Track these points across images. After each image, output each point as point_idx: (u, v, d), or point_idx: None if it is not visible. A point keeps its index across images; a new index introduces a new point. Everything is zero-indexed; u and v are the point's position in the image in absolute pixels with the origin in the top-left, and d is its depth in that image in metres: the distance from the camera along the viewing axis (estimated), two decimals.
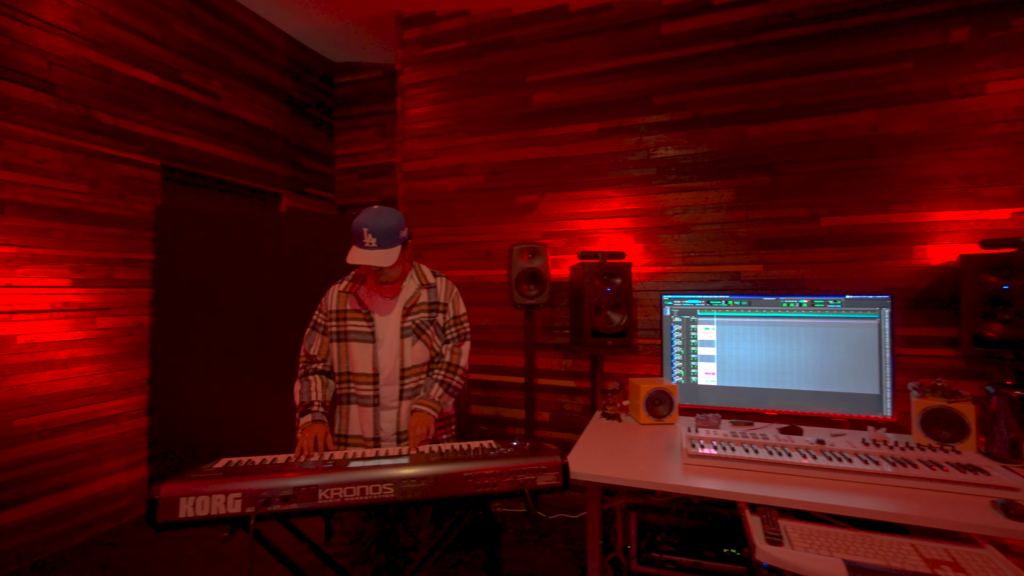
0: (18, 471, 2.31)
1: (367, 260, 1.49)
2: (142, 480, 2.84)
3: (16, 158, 2.30)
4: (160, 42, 2.92)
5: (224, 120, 3.32)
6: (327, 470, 1.23)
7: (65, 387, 2.49)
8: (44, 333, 2.40)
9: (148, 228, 2.86)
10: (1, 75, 2.25)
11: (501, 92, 2.98)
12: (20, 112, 2.31)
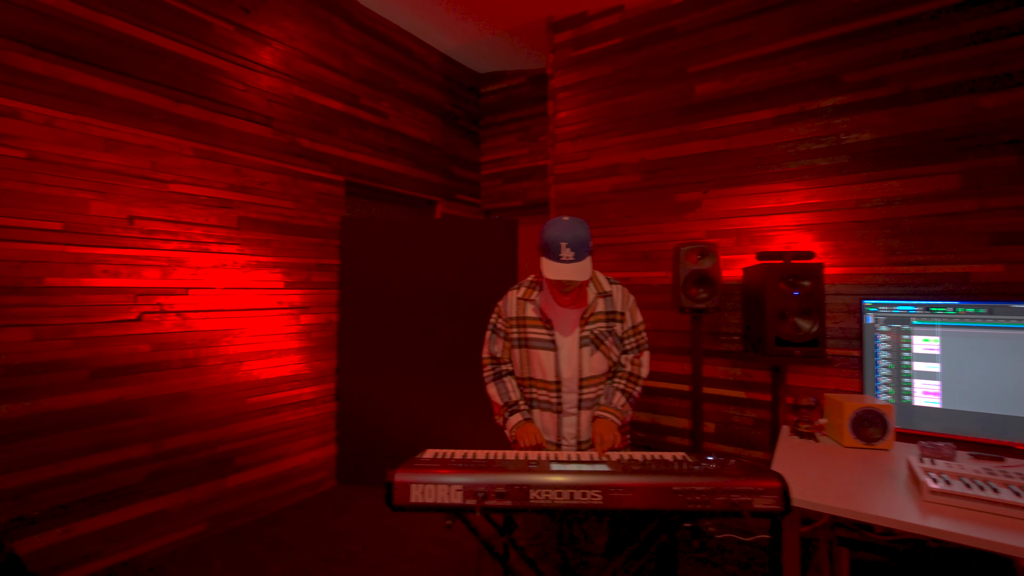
0: (250, 440, 2.81)
1: (567, 275, 1.48)
2: (331, 457, 3.28)
3: (247, 182, 2.79)
4: (343, 72, 3.33)
5: (391, 137, 3.69)
6: (532, 470, 1.29)
7: (279, 373, 2.96)
8: (266, 327, 2.89)
9: (335, 237, 3.29)
10: (237, 115, 2.74)
11: (659, 86, 2.87)
12: (249, 144, 2.80)
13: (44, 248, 2.08)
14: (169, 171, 2.46)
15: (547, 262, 1.52)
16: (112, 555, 2.28)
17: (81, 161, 2.18)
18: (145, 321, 2.39)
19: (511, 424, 1.68)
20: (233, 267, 2.73)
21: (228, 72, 2.70)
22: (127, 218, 2.32)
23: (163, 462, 2.45)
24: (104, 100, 2.25)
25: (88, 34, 2.20)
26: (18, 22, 2.01)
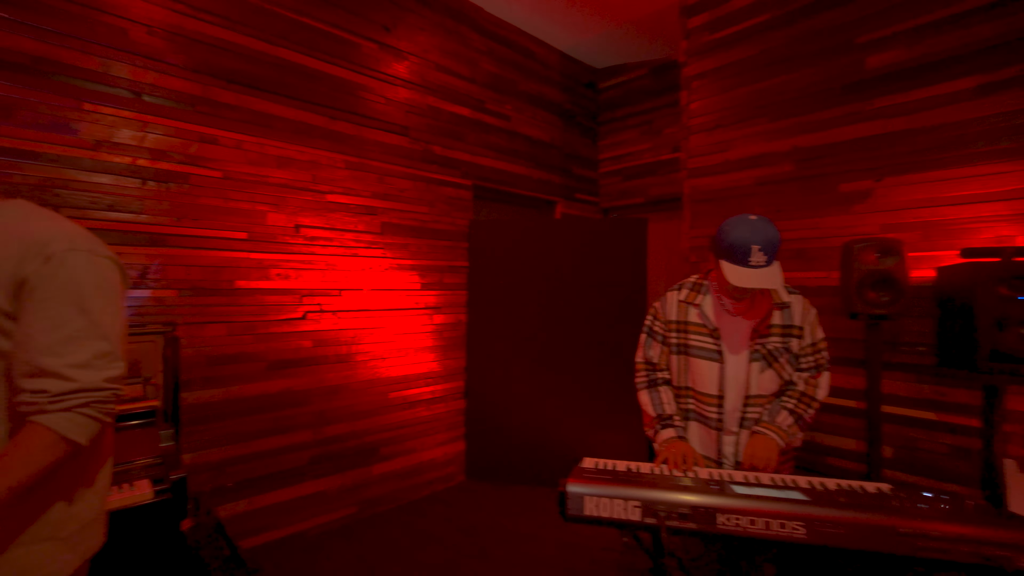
0: (391, 432, 3.01)
1: (757, 282, 1.32)
2: (460, 453, 3.40)
3: (389, 189, 2.99)
4: (470, 79, 3.44)
5: (514, 139, 3.74)
6: (714, 491, 1.18)
7: (415, 370, 3.14)
8: (405, 326, 3.08)
9: (464, 239, 3.41)
10: (379, 127, 2.95)
11: (818, 63, 2.56)
12: (390, 154, 3.00)
13: (234, 255, 2.40)
14: (326, 183, 2.72)
15: (731, 267, 1.37)
16: (284, 527, 2.57)
17: (260, 177, 2.48)
18: (308, 319, 2.65)
19: (662, 438, 1.56)
20: (377, 270, 2.94)
21: (372, 88, 2.91)
22: (294, 227, 2.60)
23: (322, 448, 2.71)
24: (277, 122, 2.53)
25: (266, 65, 2.49)
26: (218, 61, 2.34)
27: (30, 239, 0.81)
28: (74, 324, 0.81)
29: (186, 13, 2.26)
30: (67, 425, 0.80)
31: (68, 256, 0.82)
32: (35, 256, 0.80)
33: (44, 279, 0.80)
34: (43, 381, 0.79)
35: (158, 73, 2.19)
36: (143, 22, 2.15)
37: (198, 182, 2.29)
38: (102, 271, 0.86)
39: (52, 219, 0.87)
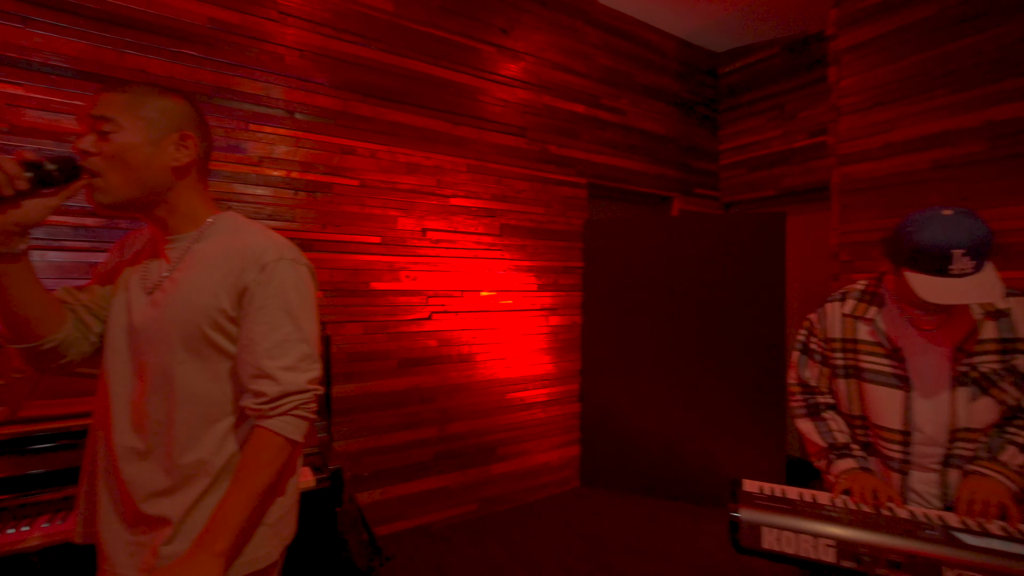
0: (508, 433, 3.03)
1: (968, 296, 1.05)
2: (575, 458, 3.33)
3: (507, 191, 3.01)
4: (585, 75, 3.36)
5: (629, 134, 3.59)
6: (934, 538, 0.98)
7: (532, 372, 3.13)
8: (522, 328, 3.08)
9: (579, 239, 3.34)
10: (498, 129, 2.98)
11: (1017, 19, 2.12)
12: (508, 155, 3.02)
13: (369, 258, 2.55)
14: (450, 187, 2.80)
15: (922, 278, 1.09)
16: (411, 519, 2.68)
17: (392, 184, 2.61)
18: (434, 319, 2.75)
19: (839, 469, 1.31)
20: (496, 271, 2.97)
21: (490, 91, 2.95)
22: (421, 230, 2.71)
23: (446, 445, 2.79)
24: (405, 131, 2.66)
25: (397, 77, 2.63)
26: (356, 77, 2.51)
27: (247, 251, 0.89)
28: (284, 329, 0.88)
29: (330, 35, 2.45)
30: (288, 428, 0.87)
31: (278, 265, 0.89)
32: (253, 266, 0.88)
33: (260, 286, 0.88)
34: (262, 383, 0.86)
35: (307, 92, 2.39)
36: (296, 47, 2.36)
37: (340, 191, 2.47)
38: (303, 278, 0.93)
39: (260, 231, 0.95)
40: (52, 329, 0.87)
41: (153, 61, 2.04)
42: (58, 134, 1.88)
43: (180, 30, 2.10)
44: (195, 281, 0.88)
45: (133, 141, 0.85)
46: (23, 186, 0.76)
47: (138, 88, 0.88)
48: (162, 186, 0.88)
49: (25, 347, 0.85)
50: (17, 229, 0.78)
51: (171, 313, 0.86)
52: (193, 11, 2.12)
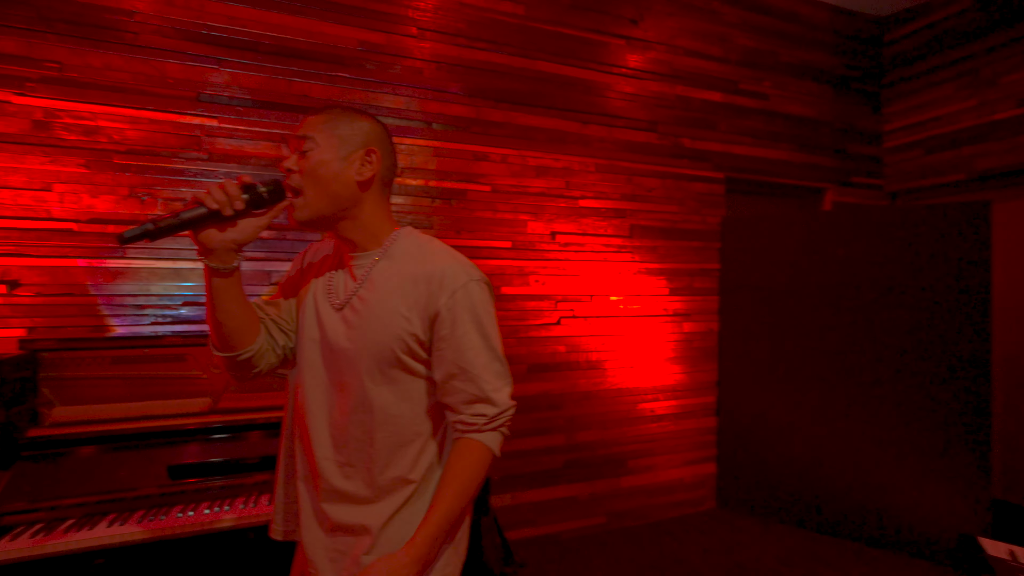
0: (638, 445, 2.88)
1: None
2: (710, 476, 3.08)
3: (637, 190, 2.87)
4: (722, 59, 3.09)
5: (773, 120, 3.23)
6: None
7: (663, 381, 2.95)
8: (653, 334, 2.91)
9: (716, 239, 3.08)
10: (628, 126, 2.84)
11: None
12: (638, 152, 2.87)
13: (501, 263, 2.57)
14: (578, 188, 2.73)
15: None
16: (540, 526, 2.66)
17: (522, 188, 2.61)
18: (562, 324, 2.70)
19: None
20: (626, 274, 2.84)
21: (620, 86, 2.83)
22: (550, 233, 2.67)
23: (574, 453, 2.73)
24: (535, 133, 2.64)
25: (527, 80, 2.62)
26: (488, 83, 2.55)
27: (436, 275, 0.90)
28: (484, 351, 0.90)
29: (464, 45, 2.51)
30: (495, 443, 0.90)
31: (468, 288, 0.90)
32: (443, 291, 0.89)
33: (453, 311, 0.89)
34: (480, 407, 0.89)
35: (442, 103, 2.47)
36: (433, 60, 2.46)
37: (473, 197, 2.52)
38: (486, 295, 0.93)
39: (444, 252, 0.95)
40: (249, 341, 0.93)
41: (315, 86, 2.24)
42: (241, 158, 2.14)
43: (335, 55, 2.28)
44: (386, 303, 0.90)
45: (326, 157, 0.90)
46: (240, 206, 0.83)
47: (335, 110, 0.94)
48: (349, 200, 0.92)
49: (227, 356, 0.92)
50: (233, 246, 0.86)
51: (366, 336, 0.90)
52: (346, 36, 2.30)
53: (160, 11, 2.03)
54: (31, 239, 1.87)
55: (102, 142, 1.95)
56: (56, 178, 1.90)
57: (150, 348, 1.73)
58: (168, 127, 2.04)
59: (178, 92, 2.05)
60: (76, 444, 1.53)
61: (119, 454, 1.54)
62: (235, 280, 0.88)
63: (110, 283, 1.95)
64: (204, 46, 2.08)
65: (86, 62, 1.93)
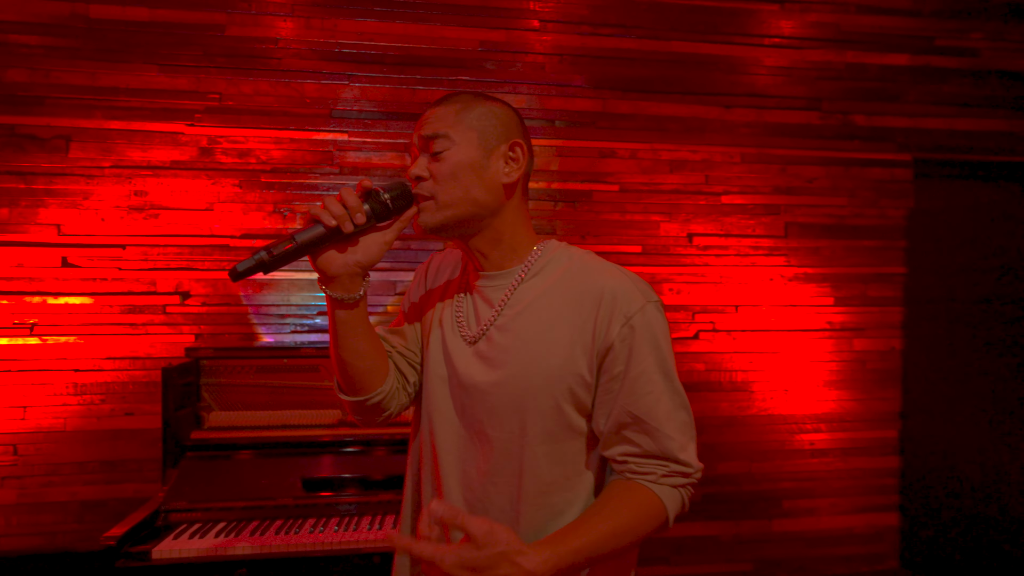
0: (795, 483, 2.45)
1: None
2: (893, 529, 2.52)
3: (793, 181, 2.43)
4: (910, 11, 2.49)
5: (984, 82, 2.54)
6: None
7: (826, 409, 2.47)
8: (813, 352, 2.45)
9: (899, 237, 2.50)
10: (782, 106, 2.42)
11: None
12: (795, 136, 2.43)
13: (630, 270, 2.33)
14: (720, 182, 2.38)
15: None
16: (676, 565, 2.38)
17: (653, 185, 2.35)
18: (701, 339, 2.38)
19: None
20: (779, 281, 2.43)
21: (771, 60, 2.41)
22: (687, 235, 2.37)
23: (715, 487, 2.39)
24: (669, 124, 2.35)
25: (659, 64, 2.35)
26: (615, 72, 2.32)
27: (605, 297, 0.71)
28: (666, 395, 0.72)
29: (588, 33, 2.31)
30: (672, 502, 0.71)
31: (646, 313, 0.71)
32: (616, 318, 0.70)
33: (631, 346, 0.70)
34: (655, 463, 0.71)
35: (566, 98, 2.31)
36: (555, 52, 2.30)
37: (599, 198, 2.32)
38: (665, 322, 0.75)
39: (609, 268, 0.78)
40: (379, 382, 0.81)
41: (437, 92, 2.21)
42: (369, 169, 2.19)
43: (456, 59, 2.23)
44: (540, 338, 0.73)
45: (465, 156, 0.74)
46: (362, 220, 0.69)
47: (465, 97, 0.78)
48: (490, 207, 0.76)
49: (355, 400, 0.81)
50: (358, 270, 0.72)
51: (513, 379, 0.73)
52: (466, 38, 2.24)
53: (300, 35, 2.14)
54: (198, 254, 2.08)
55: (252, 163, 2.11)
56: (216, 198, 2.09)
57: (288, 358, 1.81)
58: (305, 144, 2.14)
59: (313, 110, 2.15)
60: (229, 448, 1.64)
61: (262, 460, 1.62)
62: (361, 311, 0.76)
63: (257, 294, 2.11)
64: (337, 63, 2.16)
65: (239, 90, 2.10)
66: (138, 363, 2.04)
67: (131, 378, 2.04)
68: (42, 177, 2.00)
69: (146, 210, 2.05)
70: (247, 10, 2.10)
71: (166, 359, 2.01)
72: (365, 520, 1.48)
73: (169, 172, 2.06)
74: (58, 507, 2.01)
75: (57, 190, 2.01)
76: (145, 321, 2.05)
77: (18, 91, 2.00)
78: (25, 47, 2.00)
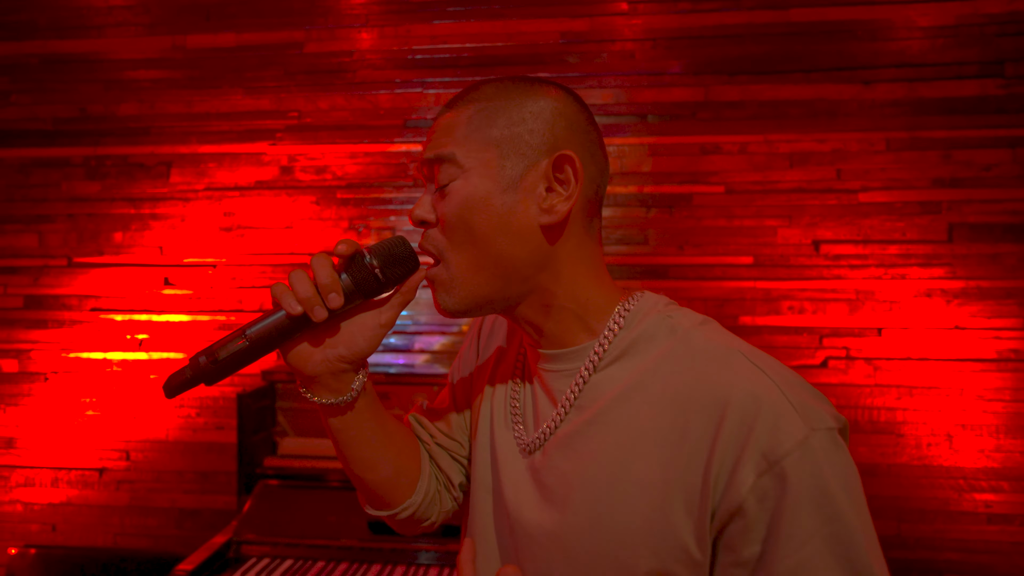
0: (960, 553, 1.93)
1: None
2: None
3: (960, 171, 1.92)
4: None
5: None
6: None
7: (1007, 463, 1.92)
8: (987, 387, 1.92)
9: None
10: (944, 75, 1.92)
11: None
12: (964, 111, 1.92)
13: (738, 284, 1.99)
14: (856, 177, 1.95)
15: None
16: None
17: (769, 185, 1.98)
18: (830, 368, 1.97)
19: None
20: (939, 297, 1.93)
21: (926, 19, 1.92)
22: (812, 243, 1.96)
23: None
24: (789, 108, 1.97)
25: (773, 39, 1.97)
26: (719, 54, 1.99)
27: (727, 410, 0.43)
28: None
29: (686, 11, 2.00)
30: None
31: (809, 452, 0.40)
32: (747, 455, 0.41)
33: (776, 511, 0.40)
34: None
35: (659, 88, 2.02)
36: (647, 38, 2.02)
37: (700, 202, 2.00)
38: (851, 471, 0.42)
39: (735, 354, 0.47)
40: (407, 493, 0.63)
41: None
42: None
43: (534, 54, 2.04)
44: (615, 475, 0.47)
45: (478, 188, 0.50)
46: (337, 303, 0.50)
47: (487, 90, 0.53)
48: (531, 261, 0.51)
49: (381, 515, 0.64)
50: (343, 366, 0.53)
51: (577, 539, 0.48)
52: (546, 31, 2.04)
53: (374, 45, 2.08)
54: (280, 273, 2.10)
55: (328, 179, 2.09)
56: (296, 216, 2.10)
57: None
58: (380, 157, 2.08)
59: (388, 122, 2.08)
60: (300, 479, 1.59)
61: (330, 494, 1.55)
62: (360, 414, 0.57)
63: None
64: (410, 71, 2.07)
65: (316, 106, 2.09)
66: (227, 379, 2.11)
67: (222, 394, 2.11)
68: (147, 202, 2.14)
69: (234, 230, 2.12)
70: (324, 25, 2.08)
71: (252, 376, 2.05)
72: (433, 571, 1.35)
73: (253, 192, 2.11)
74: (161, 512, 2.14)
75: (159, 214, 2.14)
76: None
77: (130, 123, 2.16)
78: (135, 82, 2.15)
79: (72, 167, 2.17)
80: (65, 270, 2.17)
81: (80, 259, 2.17)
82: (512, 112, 0.51)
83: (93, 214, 2.16)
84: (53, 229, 2.18)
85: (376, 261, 0.52)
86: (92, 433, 2.15)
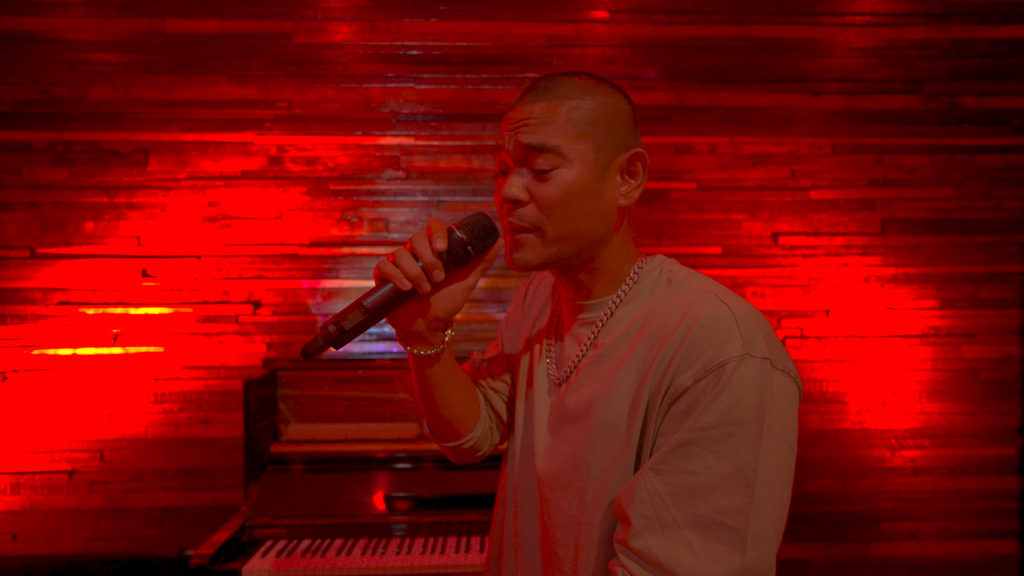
0: (892, 503, 2.24)
1: None
2: (1010, 557, 2.27)
3: (891, 173, 2.23)
4: None
5: None
6: None
7: (931, 423, 2.25)
8: (914, 360, 2.24)
9: (1017, 231, 2.25)
10: (877, 90, 2.22)
11: None
12: (892, 123, 2.22)
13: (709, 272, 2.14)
14: (808, 176, 2.21)
15: None
16: None
17: (734, 182, 2.20)
18: (788, 346, 2.19)
19: None
20: (875, 282, 2.23)
21: (863, 40, 2.22)
22: (771, 235, 2.21)
23: (805, 506, 2.22)
24: (751, 115, 2.20)
25: (739, 51, 2.20)
26: (691, 62, 2.19)
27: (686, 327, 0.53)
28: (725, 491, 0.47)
29: (662, 22, 2.19)
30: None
31: (741, 367, 0.49)
32: (692, 357, 0.51)
33: (700, 399, 0.49)
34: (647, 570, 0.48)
35: (638, 92, 2.18)
36: (627, 44, 2.19)
37: (676, 197, 2.19)
38: (782, 394, 0.52)
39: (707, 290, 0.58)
40: (470, 427, 0.77)
41: (503, 91, 2.14)
42: (436, 174, 2.14)
43: (522, 55, 2.16)
44: (612, 389, 0.59)
45: (582, 177, 0.58)
46: (440, 277, 0.61)
47: (571, 86, 0.61)
48: (602, 237, 0.62)
49: (444, 446, 0.79)
50: (440, 325, 0.67)
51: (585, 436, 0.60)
52: (533, 34, 2.16)
53: (365, 39, 2.12)
54: (269, 263, 2.09)
55: (319, 171, 2.10)
56: (286, 207, 2.10)
57: (362, 369, 1.78)
58: (372, 150, 2.12)
59: (379, 115, 2.12)
60: (308, 462, 1.62)
61: (340, 475, 1.59)
62: (445, 364, 0.70)
63: (327, 302, 2.10)
64: (402, 66, 2.12)
65: (307, 97, 2.10)
66: (212, 372, 2.08)
67: (207, 387, 2.07)
68: (123, 191, 2.06)
69: (219, 220, 2.08)
70: (313, 16, 2.10)
71: (239, 368, 2.04)
72: (451, 541, 1.43)
73: (240, 182, 2.09)
74: (140, 513, 2.07)
75: (137, 203, 2.07)
76: (219, 331, 2.08)
77: (101, 108, 2.07)
78: (107, 65, 2.06)
79: (35, 152, 2.05)
80: (27, 262, 2.05)
81: (44, 250, 2.06)
82: (597, 109, 0.61)
83: (59, 202, 2.06)
84: (12, 218, 2.05)
85: (465, 235, 0.62)
86: (59, 434, 2.05)
